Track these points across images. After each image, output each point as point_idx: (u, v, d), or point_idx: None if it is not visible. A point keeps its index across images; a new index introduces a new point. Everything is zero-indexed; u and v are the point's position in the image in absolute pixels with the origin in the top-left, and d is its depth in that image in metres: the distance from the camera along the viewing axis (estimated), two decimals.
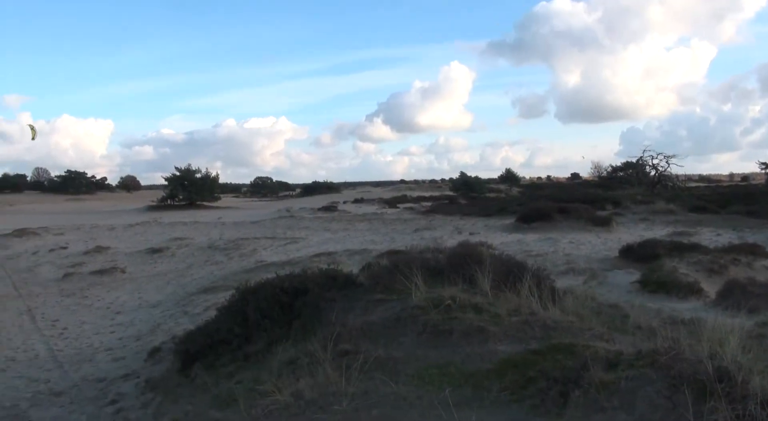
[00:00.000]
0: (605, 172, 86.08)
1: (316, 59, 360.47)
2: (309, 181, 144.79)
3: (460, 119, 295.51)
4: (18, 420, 8.98)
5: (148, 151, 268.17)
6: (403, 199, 76.60)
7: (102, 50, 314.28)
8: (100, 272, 24.51)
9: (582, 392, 4.54)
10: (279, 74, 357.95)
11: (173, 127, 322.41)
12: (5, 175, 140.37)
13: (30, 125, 59.55)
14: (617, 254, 17.91)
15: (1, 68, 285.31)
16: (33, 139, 57.34)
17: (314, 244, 28.34)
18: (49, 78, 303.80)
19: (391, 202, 68.09)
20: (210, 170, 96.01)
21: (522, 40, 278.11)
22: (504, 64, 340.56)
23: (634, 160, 76.09)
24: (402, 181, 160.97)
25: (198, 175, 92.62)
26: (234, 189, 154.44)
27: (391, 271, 8.54)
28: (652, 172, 73.11)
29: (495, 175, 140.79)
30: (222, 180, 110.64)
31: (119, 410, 8.83)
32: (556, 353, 5.43)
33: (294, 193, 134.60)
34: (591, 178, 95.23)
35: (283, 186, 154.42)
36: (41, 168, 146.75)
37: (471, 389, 5.07)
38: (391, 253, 16.73)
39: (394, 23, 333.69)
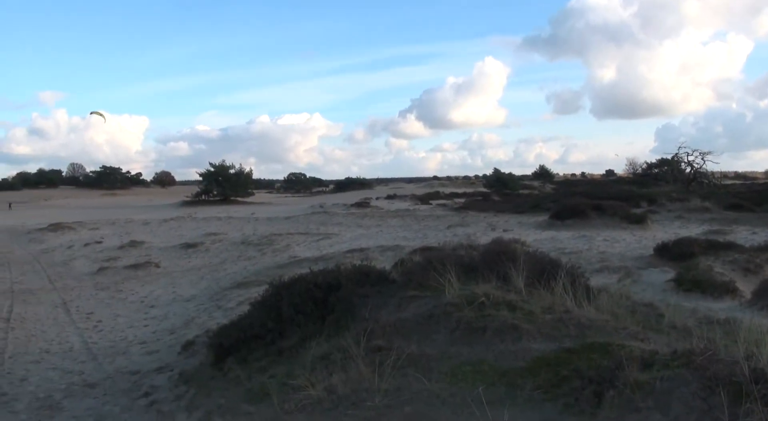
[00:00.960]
0: (640, 169, 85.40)
1: (351, 56, 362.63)
2: (342, 177, 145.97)
3: (493, 115, 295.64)
4: (52, 411, 9.05)
5: (182, 147, 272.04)
6: (436, 195, 76.71)
7: (137, 47, 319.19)
8: (135, 266, 24.76)
9: (616, 392, 4.50)
10: (313, 71, 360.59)
11: (208, 123, 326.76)
12: (41, 171, 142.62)
13: (97, 113, 60.49)
14: (652, 252, 17.70)
15: (36, 65, 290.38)
16: (105, 121, 58.78)
17: (347, 240, 28.38)
18: (84, 75, 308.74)
19: (424, 199, 68.20)
20: (244, 166, 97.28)
21: (557, 35, 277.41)
22: (539, 59, 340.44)
23: (669, 157, 75.45)
24: (435, 178, 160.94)
25: (232, 171, 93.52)
26: (267, 185, 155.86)
27: (425, 267, 8.51)
28: (688, 170, 72.35)
29: (529, 171, 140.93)
30: (256, 176, 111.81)
31: (153, 403, 8.88)
32: (591, 352, 5.39)
33: (327, 189, 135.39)
34: (626, 175, 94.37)
35: (316, 182, 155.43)
36: (76, 164, 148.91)
37: (504, 387, 5.05)
38: (424, 249, 16.69)
39: (428, 19, 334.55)
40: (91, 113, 60.59)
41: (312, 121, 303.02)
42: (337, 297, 8.54)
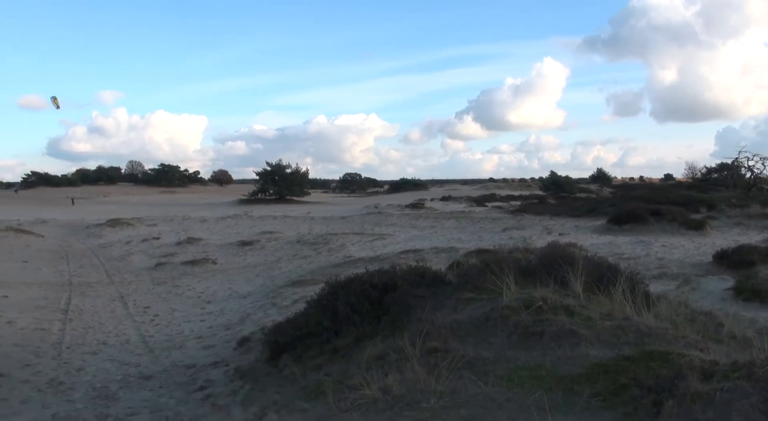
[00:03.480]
0: (699, 173, 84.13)
1: (408, 56, 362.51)
2: (397, 178, 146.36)
3: (552, 117, 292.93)
4: (108, 401, 9.20)
5: (240, 147, 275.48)
6: (492, 197, 76.20)
7: (197, 48, 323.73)
8: (192, 263, 25.10)
9: (676, 403, 4.42)
10: (370, 71, 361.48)
11: (265, 123, 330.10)
12: (100, 168, 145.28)
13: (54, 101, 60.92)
14: (711, 259, 17.43)
15: (97, 64, 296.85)
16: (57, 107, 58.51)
17: (401, 240, 28.39)
18: (144, 75, 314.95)
19: (479, 201, 67.77)
20: (300, 166, 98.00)
21: (617, 36, 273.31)
22: (599, 60, 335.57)
23: (729, 161, 73.96)
24: (491, 180, 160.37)
25: (288, 171, 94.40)
26: (323, 185, 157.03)
27: (481, 270, 8.49)
28: (748, 175, 70.80)
29: (586, 174, 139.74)
30: (311, 176, 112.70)
31: (208, 396, 8.99)
32: (650, 361, 5.32)
33: (382, 189, 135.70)
34: (684, 180, 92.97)
35: (371, 182, 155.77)
36: (135, 161, 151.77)
37: (562, 393, 4.99)
38: (480, 252, 16.65)
39: (486, 20, 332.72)
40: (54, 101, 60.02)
41: (368, 122, 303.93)
42: (392, 297, 8.55)
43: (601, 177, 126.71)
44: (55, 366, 11.16)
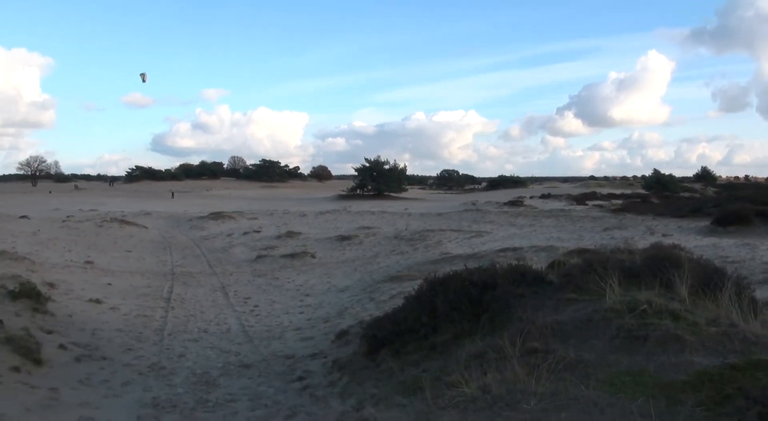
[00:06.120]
0: None
1: (508, 51, 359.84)
2: (495, 175, 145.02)
3: (656, 113, 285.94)
4: (208, 387, 9.49)
5: (340, 143, 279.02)
6: (593, 196, 74.84)
7: (297, 47, 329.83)
8: (291, 256, 25.52)
9: None
10: (469, 68, 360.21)
11: (364, 119, 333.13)
12: (203, 163, 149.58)
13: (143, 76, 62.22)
14: None
15: (202, 64, 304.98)
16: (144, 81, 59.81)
17: (499, 238, 28.16)
18: (247, 73, 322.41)
19: (580, 199, 66.78)
20: (398, 162, 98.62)
21: (724, 27, 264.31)
22: (705, 52, 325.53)
23: None
24: (591, 178, 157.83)
25: (386, 167, 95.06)
26: (420, 181, 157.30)
27: (584, 270, 8.33)
28: None
29: (690, 173, 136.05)
30: (409, 172, 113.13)
31: (306, 387, 9.15)
32: (756, 371, 5.12)
33: (479, 186, 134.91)
34: None
35: (469, 179, 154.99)
36: (237, 157, 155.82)
37: (665, 401, 4.84)
38: (580, 251, 16.38)
39: (589, 13, 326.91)
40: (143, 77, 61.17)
41: (467, 118, 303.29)
42: (492, 296, 8.50)
43: (705, 176, 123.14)
44: (157, 351, 11.56)
